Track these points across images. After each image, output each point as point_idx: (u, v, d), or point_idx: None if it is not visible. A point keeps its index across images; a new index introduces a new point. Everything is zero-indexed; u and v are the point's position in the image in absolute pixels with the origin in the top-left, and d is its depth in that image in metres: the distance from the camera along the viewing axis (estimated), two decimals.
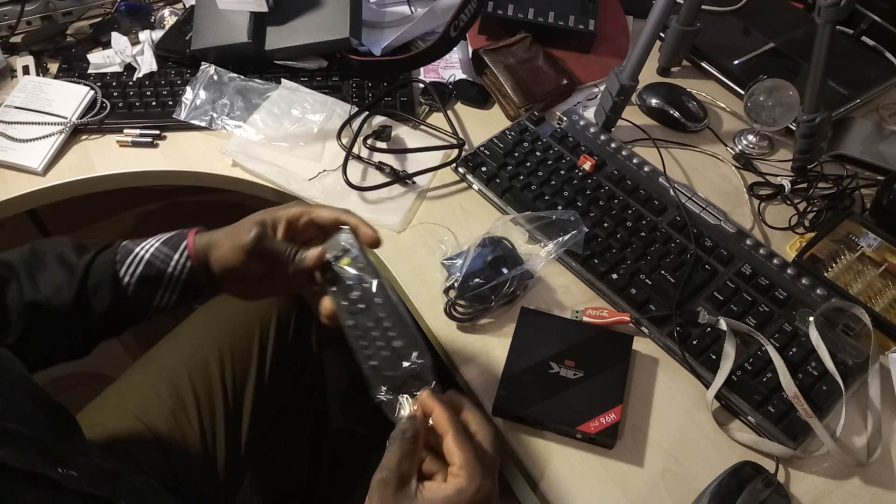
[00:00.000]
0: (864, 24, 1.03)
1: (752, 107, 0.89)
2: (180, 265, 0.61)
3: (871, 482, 0.63)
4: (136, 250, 0.62)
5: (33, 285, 0.59)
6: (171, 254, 0.61)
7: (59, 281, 0.59)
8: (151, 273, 0.61)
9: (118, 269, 0.61)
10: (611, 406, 0.64)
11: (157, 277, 0.61)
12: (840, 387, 0.65)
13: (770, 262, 0.76)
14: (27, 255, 0.61)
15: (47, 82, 0.92)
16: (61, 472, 0.46)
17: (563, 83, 0.95)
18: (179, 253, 0.62)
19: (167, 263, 0.61)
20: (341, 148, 0.87)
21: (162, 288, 0.62)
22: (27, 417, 0.48)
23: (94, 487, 0.49)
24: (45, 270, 0.60)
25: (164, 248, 0.62)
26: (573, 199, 0.81)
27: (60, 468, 0.46)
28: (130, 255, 0.62)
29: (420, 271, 0.76)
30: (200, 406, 0.80)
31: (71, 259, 0.61)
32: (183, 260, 0.61)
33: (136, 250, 0.62)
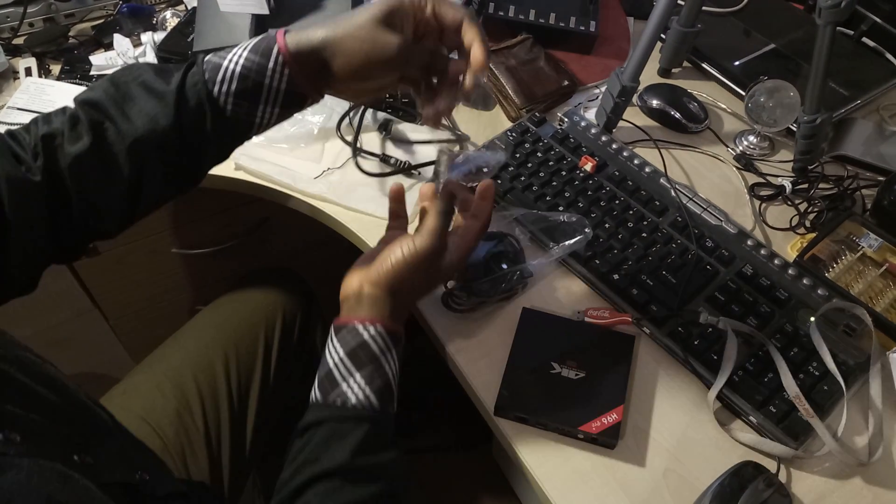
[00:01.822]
0: (864, 26, 1.03)
1: (752, 108, 0.89)
2: (277, 74, 0.55)
3: (872, 482, 0.63)
4: (224, 64, 0.55)
5: (129, 121, 0.54)
6: (265, 63, 0.54)
7: (153, 111, 0.54)
8: (248, 87, 0.55)
9: (211, 88, 0.55)
10: (612, 406, 0.64)
11: (254, 90, 0.55)
12: (841, 387, 0.66)
13: (771, 262, 0.76)
14: (110, 91, 0.56)
15: (50, 84, 0.92)
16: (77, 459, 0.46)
17: (565, 84, 0.95)
18: (273, 60, 0.54)
19: (262, 74, 0.55)
20: (342, 141, 0.88)
21: (262, 103, 0.56)
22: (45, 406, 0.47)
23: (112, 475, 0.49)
24: (135, 103, 0.55)
25: (254, 56, 0.55)
26: (574, 199, 0.81)
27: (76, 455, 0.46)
28: (220, 70, 0.55)
29: None
30: (205, 407, 0.81)
31: (157, 86, 0.55)
32: (279, 68, 0.55)
33: (225, 64, 0.55)
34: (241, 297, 0.94)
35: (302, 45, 0.55)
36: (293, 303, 0.94)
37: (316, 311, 0.99)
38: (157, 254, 1.12)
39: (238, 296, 0.94)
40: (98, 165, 0.54)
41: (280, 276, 0.99)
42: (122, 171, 0.55)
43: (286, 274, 1.00)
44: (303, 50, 0.55)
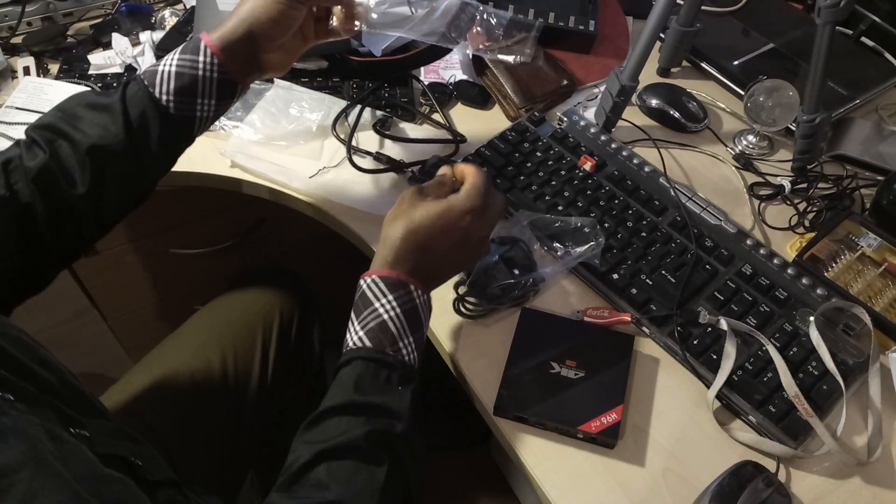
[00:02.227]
0: (863, 25, 1.03)
1: (751, 107, 0.89)
2: (208, 65, 0.62)
3: (871, 481, 0.63)
4: (160, 69, 0.62)
5: (80, 132, 0.60)
6: (196, 58, 0.62)
7: (101, 122, 0.60)
8: (185, 83, 0.61)
9: (152, 91, 0.61)
10: (612, 406, 0.64)
11: (191, 86, 0.62)
12: (840, 386, 0.66)
13: (770, 262, 0.76)
14: (57, 114, 0.61)
15: (48, 83, 0.92)
16: (73, 431, 0.46)
17: (564, 84, 0.95)
18: (202, 54, 0.62)
19: (196, 68, 0.61)
20: (337, 139, 0.88)
21: (199, 96, 0.62)
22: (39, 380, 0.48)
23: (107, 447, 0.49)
24: (82, 119, 0.60)
25: (185, 55, 0.62)
26: (574, 199, 0.81)
27: (73, 428, 0.46)
28: (157, 75, 0.62)
29: None
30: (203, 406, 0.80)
31: (102, 101, 0.61)
32: (209, 59, 0.62)
33: (161, 69, 0.62)
34: (239, 297, 0.94)
35: (225, 36, 0.62)
36: (290, 302, 0.94)
37: (313, 310, 0.99)
38: (156, 254, 1.12)
39: (235, 295, 0.94)
40: (58, 174, 0.59)
41: (277, 275, 0.99)
42: (81, 177, 0.59)
43: (284, 273, 1.00)
44: (226, 39, 0.62)
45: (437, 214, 0.60)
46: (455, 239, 0.61)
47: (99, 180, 0.60)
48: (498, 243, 0.74)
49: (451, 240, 0.61)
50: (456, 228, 0.60)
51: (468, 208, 0.61)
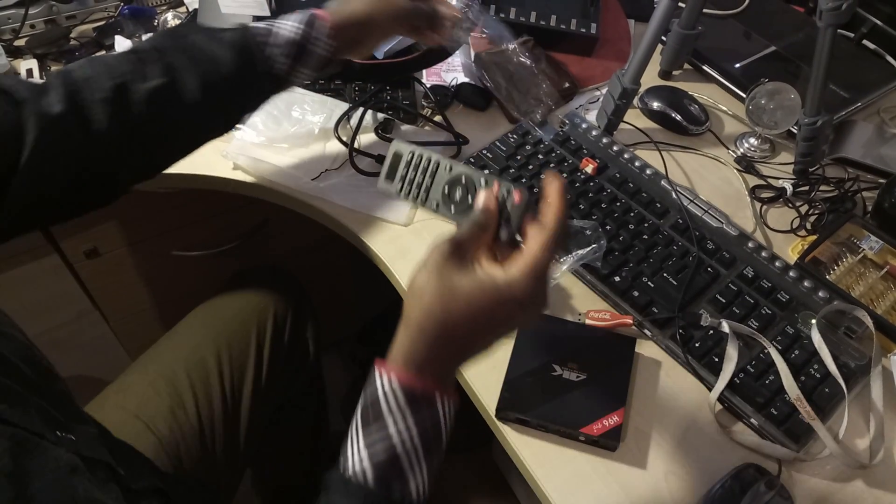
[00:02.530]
0: (864, 28, 1.04)
1: (753, 110, 0.89)
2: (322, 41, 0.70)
3: (873, 485, 0.63)
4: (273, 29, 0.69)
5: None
6: (309, 31, 0.69)
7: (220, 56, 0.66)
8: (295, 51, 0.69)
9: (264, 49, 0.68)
10: (614, 408, 0.64)
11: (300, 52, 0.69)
12: (842, 389, 0.66)
13: (772, 264, 0.76)
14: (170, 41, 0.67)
15: None
16: (59, 434, 0.45)
17: (565, 86, 0.95)
18: (317, 30, 0.69)
19: (307, 40, 0.69)
20: (339, 142, 0.88)
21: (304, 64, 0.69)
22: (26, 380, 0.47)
23: (94, 452, 0.48)
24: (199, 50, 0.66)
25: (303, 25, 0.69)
26: (575, 202, 0.81)
27: (59, 431, 0.46)
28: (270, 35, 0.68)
29: None
30: (199, 404, 0.81)
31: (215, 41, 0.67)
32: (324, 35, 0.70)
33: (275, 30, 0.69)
34: (233, 296, 0.94)
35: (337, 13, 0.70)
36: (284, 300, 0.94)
37: (307, 308, 0.99)
38: (158, 256, 1.12)
39: (229, 295, 0.95)
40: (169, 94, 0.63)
41: (271, 274, 0.99)
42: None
43: (277, 273, 1.00)
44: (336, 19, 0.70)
45: (481, 296, 0.46)
46: (494, 327, 0.49)
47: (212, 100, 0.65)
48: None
49: (489, 327, 0.48)
50: (499, 316, 0.47)
51: (521, 297, 0.46)
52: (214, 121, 0.70)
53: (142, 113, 0.61)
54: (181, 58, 0.63)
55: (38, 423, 0.44)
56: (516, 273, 0.47)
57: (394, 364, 0.47)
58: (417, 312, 0.47)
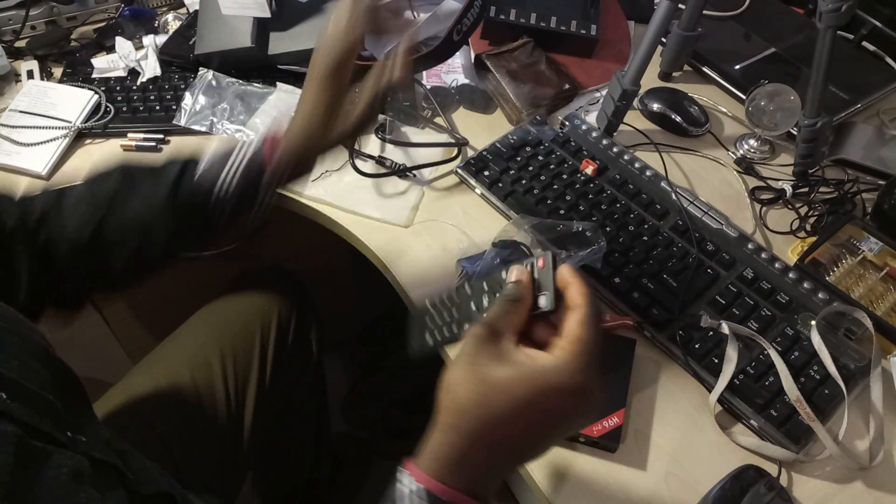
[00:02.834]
0: (864, 30, 1.04)
1: (753, 111, 0.89)
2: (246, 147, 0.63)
3: (873, 486, 0.63)
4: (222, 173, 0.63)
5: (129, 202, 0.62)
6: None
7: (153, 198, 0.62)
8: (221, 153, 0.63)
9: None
10: (613, 410, 0.64)
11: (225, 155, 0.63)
12: (842, 391, 0.66)
13: (772, 266, 0.76)
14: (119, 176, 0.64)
15: (51, 86, 0.92)
16: (69, 435, 0.45)
17: (566, 88, 0.96)
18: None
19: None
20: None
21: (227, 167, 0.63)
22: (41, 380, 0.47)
23: (103, 454, 0.48)
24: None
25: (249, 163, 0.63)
26: (575, 203, 0.81)
27: (69, 432, 0.46)
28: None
29: (421, 271, 0.77)
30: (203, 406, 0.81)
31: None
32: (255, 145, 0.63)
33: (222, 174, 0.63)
34: (237, 298, 0.94)
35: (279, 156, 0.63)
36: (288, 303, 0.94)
37: (310, 311, 0.99)
38: None
39: (233, 296, 0.95)
40: None
41: (274, 276, 0.99)
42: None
43: (280, 274, 1.00)
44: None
45: (525, 386, 0.40)
46: (545, 423, 0.42)
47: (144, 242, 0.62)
48: (500, 247, 0.74)
49: (539, 424, 0.41)
50: (550, 408, 0.41)
51: (571, 384, 0.40)
52: None
53: None
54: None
55: (48, 422, 0.44)
56: (562, 354, 0.41)
57: (421, 466, 0.41)
58: (451, 410, 0.41)
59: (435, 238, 0.80)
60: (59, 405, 0.47)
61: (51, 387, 0.47)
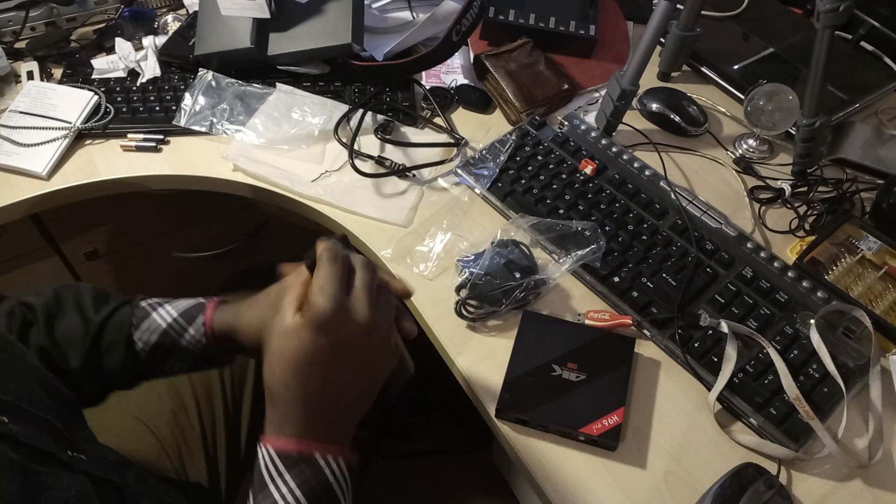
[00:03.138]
0: (862, 30, 1.04)
1: (752, 111, 0.89)
2: (195, 340, 0.61)
3: (872, 484, 0.63)
4: (153, 316, 0.61)
5: (49, 332, 0.59)
6: (187, 326, 0.61)
7: (74, 332, 0.60)
8: (165, 343, 0.61)
9: (132, 332, 0.61)
10: (613, 408, 0.64)
11: (170, 348, 0.61)
12: (841, 389, 0.66)
13: (771, 265, 0.76)
14: (50, 301, 0.61)
15: (51, 87, 0.92)
16: (70, 454, 0.46)
17: (564, 88, 0.96)
18: (194, 328, 0.61)
19: (181, 335, 0.61)
20: (339, 143, 0.88)
21: (173, 358, 0.61)
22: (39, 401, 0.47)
23: (104, 472, 0.49)
24: (63, 318, 0.60)
25: (182, 319, 0.61)
26: (574, 203, 0.81)
27: (70, 451, 0.46)
28: (146, 320, 0.61)
29: None
30: (200, 406, 0.81)
31: (88, 312, 0.61)
32: (198, 336, 0.61)
33: (154, 316, 0.61)
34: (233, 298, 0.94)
35: (220, 320, 0.60)
36: None
37: None
38: (158, 258, 1.12)
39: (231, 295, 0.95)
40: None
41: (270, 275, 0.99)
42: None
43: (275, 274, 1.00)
44: (217, 325, 0.60)
45: (303, 345, 0.48)
46: (348, 368, 0.49)
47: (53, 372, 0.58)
48: (499, 246, 0.74)
49: (341, 370, 0.49)
50: (341, 353, 0.48)
51: (317, 320, 0.47)
52: None
53: None
54: None
55: (51, 443, 0.44)
56: (310, 299, 0.48)
57: (268, 435, 0.49)
58: (267, 381, 0.49)
59: (434, 238, 0.80)
60: (59, 425, 0.47)
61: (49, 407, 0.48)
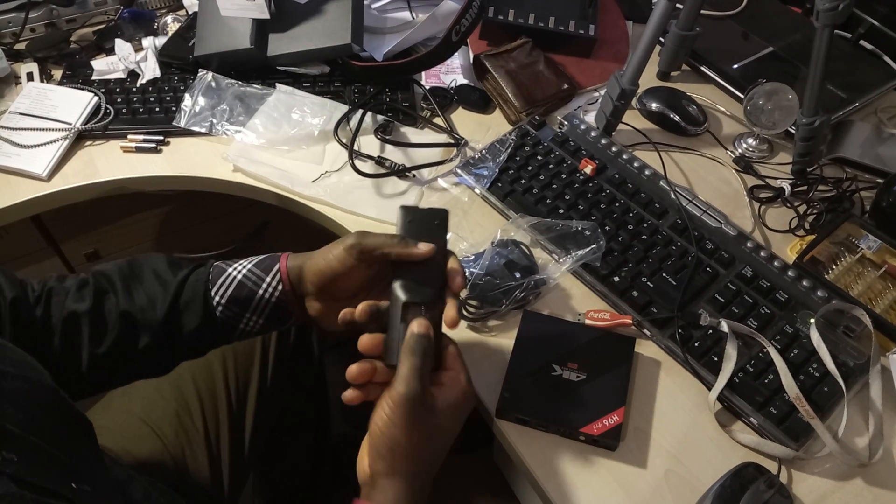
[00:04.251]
0: (862, 28, 1.04)
1: (751, 110, 0.89)
2: (272, 287, 0.61)
3: (873, 483, 0.63)
4: (228, 270, 0.62)
5: (129, 297, 0.60)
6: (264, 276, 0.61)
7: (154, 295, 0.60)
8: (242, 294, 0.61)
9: (210, 287, 0.61)
10: (613, 408, 0.64)
11: (247, 299, 0.61)
12: (841, 388, 0.66)
13: (771, 264, 0.76)
14: (125, 269, 0.62)
15: (51, 88, 0.92)
16: (75, 487, 0.45)
17: (564, 88, 0.96)
18: (272, 276, 0.61)
19: (258, 286, 0.61)
20: (339, 143, 0.88)
21: (250, 311, 0.62)
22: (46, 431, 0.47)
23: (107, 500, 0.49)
24: (141, 284, 0.61)
25: (257, 269, 0.62)
26: (574, 202, 0.81)
27: (75, 483, 0.46)
28: (223, 275, 0.62)
29: None
30: (204, 408, 0.81)
31: (165, 275, 0.61)
32: (275, 283, 0.61)
33: (229, 271, 0.62)
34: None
35: (294, 265, 0.62)
36: None
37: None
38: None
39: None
40: (89, 326, 0.59)
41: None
42: (108, 337, 0.59)
43: None
44: (293, 268, 0.61)
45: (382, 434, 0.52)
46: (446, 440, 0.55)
47: (123, 345, 0.60)
48: (499, 246, 0.74)
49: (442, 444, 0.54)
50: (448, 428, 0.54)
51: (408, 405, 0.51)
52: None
53: None
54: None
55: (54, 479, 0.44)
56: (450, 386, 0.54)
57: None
58: (397, 458, 0.51)
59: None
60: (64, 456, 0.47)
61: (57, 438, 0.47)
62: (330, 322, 0.63)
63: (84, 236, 1.03)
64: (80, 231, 1.02)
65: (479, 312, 0.72)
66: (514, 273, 0.72)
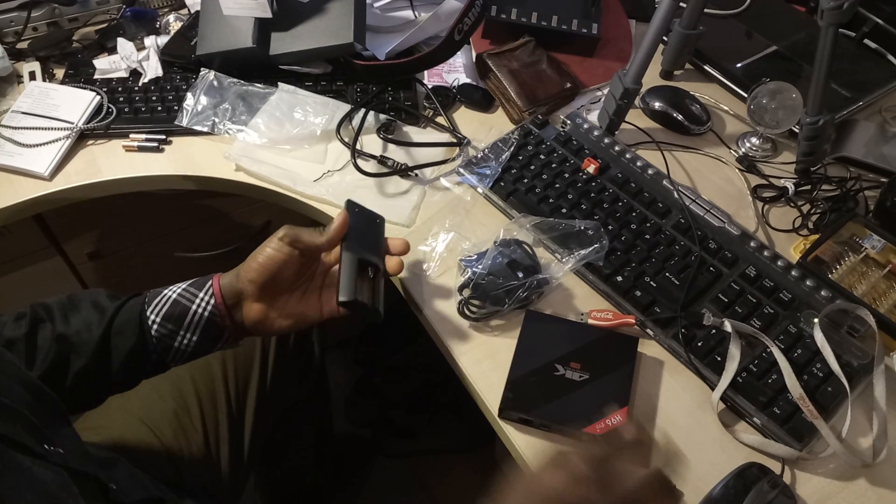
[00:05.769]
0: (866, 27, 1.04)
1: (755, 109, 0.89)
2: (204, 302, 0.63)
3: (877, 483, 0.63)
4: (164, 292, 0.64)
5: (66, 322, 0.62)
6: (197, 292, 0.64)
7: (90, 320, 0.62)
8: (176, 311, 0.63)
9: (145, 308, 0.63)
10: (616, 408, 0.64)
11: (180, 316, 0.63)
12: (845, 388, 0.66)
13: (774, 263, 0.76)
14: (64, 300, 0.64)
15: (54, 88, 0.92)
16: (47, 448, 0.47)
17: (567, 87, 0.96)
18: (204, 291, 0.64)
19: (192, 301, 0.63)
20: (341, 143, 0.88)
21: (184, 328, 0.63)
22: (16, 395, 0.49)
23: (81, 465, 0.49)
24: (78, 312, 0.63)
25: (191, 287, 0.64)
26: (577, 202, 0.81)
27: (46, 445, 0.47)
28: (158, 295, 0.64)
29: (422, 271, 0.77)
30: (203, 408, 0.81)
31: (104, 303, 0.64)
32: (207, 297, 0.63)
33: (165, 291, 0.64)
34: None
35: (225, 280, 0.64)
36: None
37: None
38: (160, 257, 1.12)
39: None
40: (23, 351, 0.60)
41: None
42: (41, 362, 0.60)
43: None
44: (225, 284, 0.64)
45: None
46: None
47: (57, 370, 0.60)
48: (502, 246, 0.74)
49: None
50: None
51: None
52: None
53: None
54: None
55: (24, 434, 0.45)
56: None
57: None
58: None
59: (437, 237, 0.80)
60: (36, 420, 0.48)
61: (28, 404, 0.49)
62: (268, 325, 0.65)
63: (86, 235, 1.03)
64: (82, 230, 1.02)
65: (481, 312, 0.72)
66: (516, 273, 0.72)
